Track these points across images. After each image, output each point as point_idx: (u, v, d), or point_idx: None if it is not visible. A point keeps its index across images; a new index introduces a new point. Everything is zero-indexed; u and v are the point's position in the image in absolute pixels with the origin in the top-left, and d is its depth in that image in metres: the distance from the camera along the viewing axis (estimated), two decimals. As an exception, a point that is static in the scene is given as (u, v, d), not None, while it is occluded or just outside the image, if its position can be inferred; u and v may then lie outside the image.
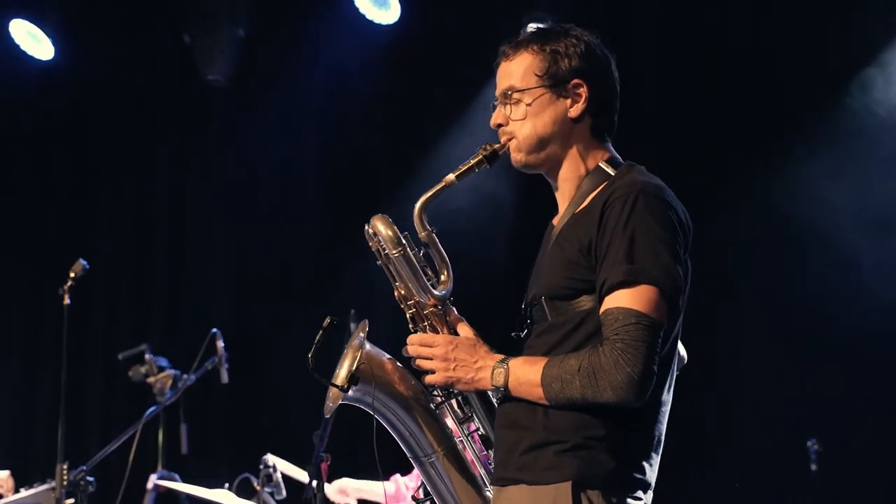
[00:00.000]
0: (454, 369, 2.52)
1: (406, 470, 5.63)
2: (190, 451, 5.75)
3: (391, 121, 7.01)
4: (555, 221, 2.67)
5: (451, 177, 2.64)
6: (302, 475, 5.19)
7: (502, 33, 6.47)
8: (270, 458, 5.09)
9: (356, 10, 6.75)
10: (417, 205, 2.63)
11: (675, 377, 2.53)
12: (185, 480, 5.54)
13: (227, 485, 5.41)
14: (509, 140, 2.63)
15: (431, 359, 2.56)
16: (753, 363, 6.17)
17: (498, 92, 2.66)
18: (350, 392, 2.66)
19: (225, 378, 5.57)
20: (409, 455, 2.75)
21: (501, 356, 2.53)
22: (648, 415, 2.45)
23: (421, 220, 2.63)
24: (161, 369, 5.79)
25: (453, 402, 2.69)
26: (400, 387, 2.71)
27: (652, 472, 2.47)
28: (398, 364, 2.76)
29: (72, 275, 5.06)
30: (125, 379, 5.91)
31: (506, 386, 2.47)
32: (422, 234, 2.64)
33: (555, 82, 2.59)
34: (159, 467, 5.74)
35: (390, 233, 2.64)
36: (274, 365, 6.69)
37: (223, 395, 6.23)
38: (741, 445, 6.04)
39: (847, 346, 5.84)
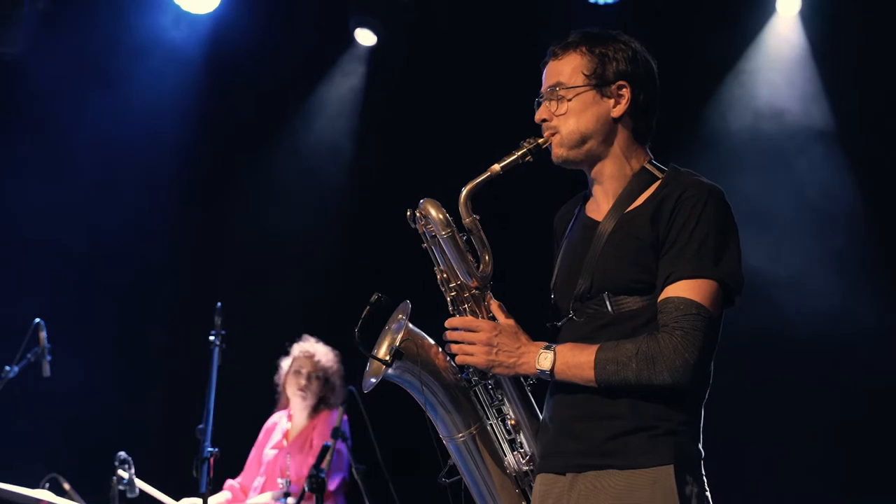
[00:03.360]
0: (496, 354, 2.61)
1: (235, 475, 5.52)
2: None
3: (202, 114, 6.79)
4: (594, 216, 2.77)
5: (496, 167, 2.71)
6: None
7: (327, 36, 6.57)
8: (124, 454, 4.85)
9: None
10: (464, 192, 2.69)
11: None
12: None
13: (46, 484, 5.12)
14: (552, 135, 2.73)
15: (474, 343, 2.63)
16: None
17: (544, 87, 2.76)
18: (391, 369, 2.69)
19: (47, 371, 5.26)
20: (442, 433, 2.78)
21: (545, 343, 2.63)
22: (705, 398, 2.66)
23: (466, 206, 2.69)
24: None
25: (485, 385, 2.76)
26: (439, 365, 2.76)
27: None
28: (435, 343, 2.79)
29: None
30: None
31: (552, 370, 2.58)
32: (466, 221, 2.69)
33: (600, 83, 2.71)
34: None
35: (440, 216, 2.69)
36: (87, 359, 6.32)
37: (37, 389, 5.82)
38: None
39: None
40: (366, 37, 6.67)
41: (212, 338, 4.89)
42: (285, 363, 5.61)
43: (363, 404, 4.77)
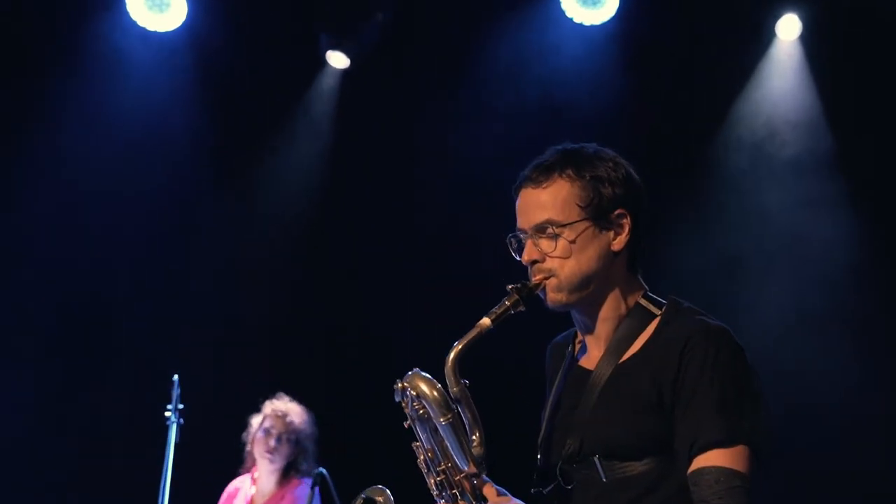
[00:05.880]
0: None
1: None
2: None
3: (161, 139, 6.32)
4: (585, 364, 2.42)
5: (486, 321, 2.32)
6: None
7: (296, 59, 6.14)
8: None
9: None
10: (451, 356, 2.29)
11: None
12: None
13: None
14: (546, 278, 2.36)
15: None
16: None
17: (528, 224, 2.37)
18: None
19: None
20: None
21: None
22: None
23: (454, 372, 2.29)
24: None
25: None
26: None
27: None
28: None
29: None
30: None
31: None
32: (454, 390, 2.29)
33: (597, 214, 2.35)
34: None
35: (436, 394, 2.27)
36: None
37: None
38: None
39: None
40: (338, 59, 6.26)
41: (168, 413, 4.52)
42: (255, 421, 5.20)
43: (334, 488, 4.42)
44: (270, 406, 5.18)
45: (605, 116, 5.86)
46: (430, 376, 2.31)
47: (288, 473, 5.12)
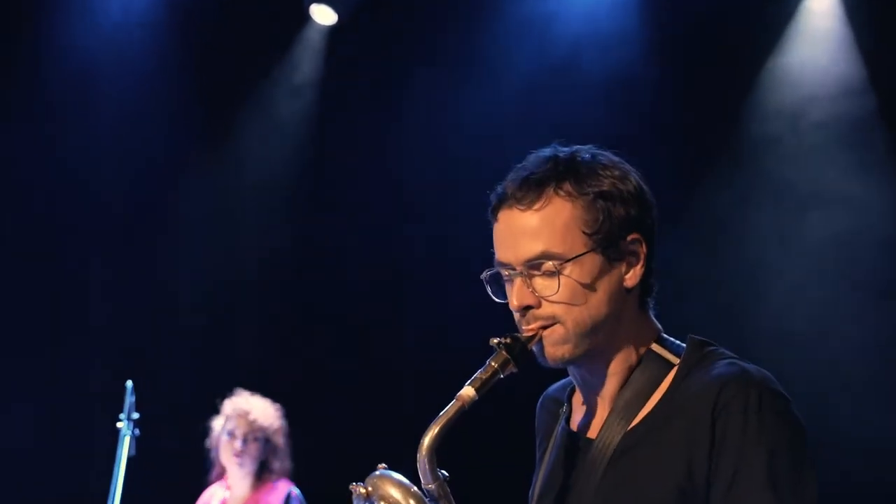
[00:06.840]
0: None
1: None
2: None
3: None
4: (587, 431, 1.91)
5: (468, 391, 1.79)
6: None
7: (277, 15, 5.63)
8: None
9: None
10: (425, 441, 1.76)
11: None
12: None
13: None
14: (544, 328, 1.82)
15: None
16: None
17: (517, 259, 1.83)
18: None
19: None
20: None
21: None
22: None
23: (431, 463, 1.77)
24: None
25: None
26: None
27: None
28: None
29: None
30: None
31: None
32: (430, 486, 1.78)
33: (607, 241, 1.82)
34: None
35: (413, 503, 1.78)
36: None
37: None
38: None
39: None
40: (324, 14, 5.71)
41: (120, 423, 4.05)
42: (217, 424, 4.76)
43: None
44: (231, 405, 4.73)
45: (626, 79, 5.31)
46: (401, 478, 1.81)
47: (262, 475, 4.69)
